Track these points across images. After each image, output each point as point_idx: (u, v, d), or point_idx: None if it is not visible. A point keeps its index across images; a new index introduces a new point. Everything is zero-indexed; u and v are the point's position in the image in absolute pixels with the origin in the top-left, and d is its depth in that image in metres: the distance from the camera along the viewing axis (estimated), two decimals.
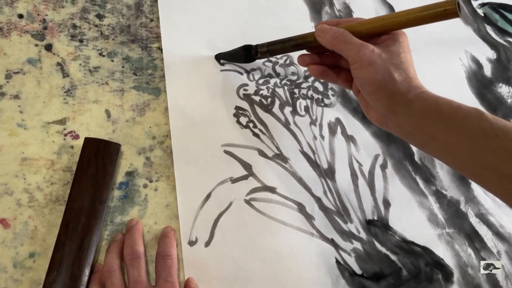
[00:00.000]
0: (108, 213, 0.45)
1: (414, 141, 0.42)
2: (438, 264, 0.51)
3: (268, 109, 0.54)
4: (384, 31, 0.43)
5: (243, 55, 0.52)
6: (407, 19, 0.41)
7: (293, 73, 0.57)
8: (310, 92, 0.57)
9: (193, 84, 0.53)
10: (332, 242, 0.49)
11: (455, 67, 0.66)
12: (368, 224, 0.51)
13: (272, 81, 0.56)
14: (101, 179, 0.44)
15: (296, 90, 0.57)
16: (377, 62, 0.41)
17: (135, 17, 0.55)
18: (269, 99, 0.55)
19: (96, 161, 0.45)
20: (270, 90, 0.55)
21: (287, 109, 0.55)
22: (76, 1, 0.54)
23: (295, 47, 0.48)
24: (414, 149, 0.57)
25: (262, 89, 0.55)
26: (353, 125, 0.56)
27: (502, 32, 0.72)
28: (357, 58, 0.42)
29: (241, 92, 0.54)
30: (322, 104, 0.56)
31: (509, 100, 0.65)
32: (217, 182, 0.48)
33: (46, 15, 0.52)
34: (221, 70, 0.54)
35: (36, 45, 0.50)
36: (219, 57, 0.55)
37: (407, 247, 0.51)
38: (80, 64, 0.50)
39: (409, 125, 0.41)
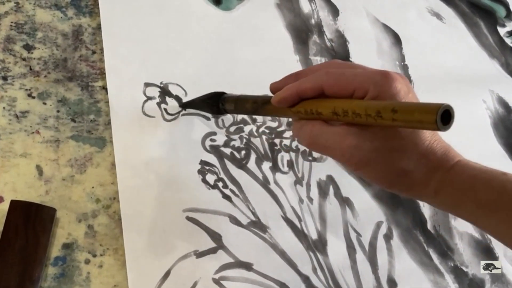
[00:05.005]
0: None
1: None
2: None
3: (241, 164, 0.63)
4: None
5: (212, 105, 0.61)
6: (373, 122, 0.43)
7: (273, 119, 0.67)
8: (295, 143, 0.66)
9: (146, 134, 0.61)
10: None
11: (478, 111, 0.77)
12: None
13: (247, 128, 0.66)
14: (31, 252, 0.51)
15: (277, 141, 0.66)
16: (371, 159, 0.45)
17: (72, 49, 0.64)
18: (243, 152, 0.64)
19: (25, 230, 0.52)
20: (244, 140, 0.65)
21: (266, 165, 0.64)
22: None
23: (271, 112, 0.55)
24: (427, 214, 0.67)
25: (234, 139, 0.65)
26: (349, 185, 0.66)
27: None
28: (346, 162, 0.46)
29: (208, 143, 0.63)
30: (310, 158, 0.66)
31: None
32: (178, 257, 0.56)
33: None
34: (182, 115, 0.64)
35: None
36: (186, 106, 0.64)
37: None
38: (3, 107, 0.59)
39: (441, 209, 0.48)
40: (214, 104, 0.60)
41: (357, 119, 0.43)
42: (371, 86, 0.44)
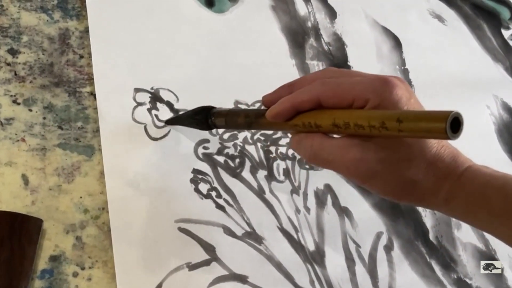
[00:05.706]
0: None
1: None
2: None
3: (236, 173, 0.64)
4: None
5: (201, 121, 0.60)
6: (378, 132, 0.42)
7: None
8: (291, 151, 0.67)
9: (136, 141, 0.62)
10: None
11: (481, 117, 0.78)
12: None
13: (241, 136, 0.66)
14: (17, 265, 0.52)
15: (272, 148, 0.67)
16: (378, 171, 0.45)
17: (59, 53, 0.65)
18: (237, 160, 0.65)
19: (11, 242, 0.53)
20: (239, 148, 0.66)
21: (261, 173, 0.65)
22: None
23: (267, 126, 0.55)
24: (429, 225, 0.68)
25: (228, 147, 0.65)
26: (348, 194, 0.66)
27: None
28: (352, 176, 0.46)
29: (200, 150, 0.64)
30: (307, 166, 0.67)
31: None
32: (170, 270, 0.57)
33: None
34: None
35: None
36: (170, 123, 0.64)
37: None
38: None
39: (452, 217, 0.50)
40: (203, 120, 0.60)
41: (360, 130, 0.43)
42: (371, 95, 0.44)
